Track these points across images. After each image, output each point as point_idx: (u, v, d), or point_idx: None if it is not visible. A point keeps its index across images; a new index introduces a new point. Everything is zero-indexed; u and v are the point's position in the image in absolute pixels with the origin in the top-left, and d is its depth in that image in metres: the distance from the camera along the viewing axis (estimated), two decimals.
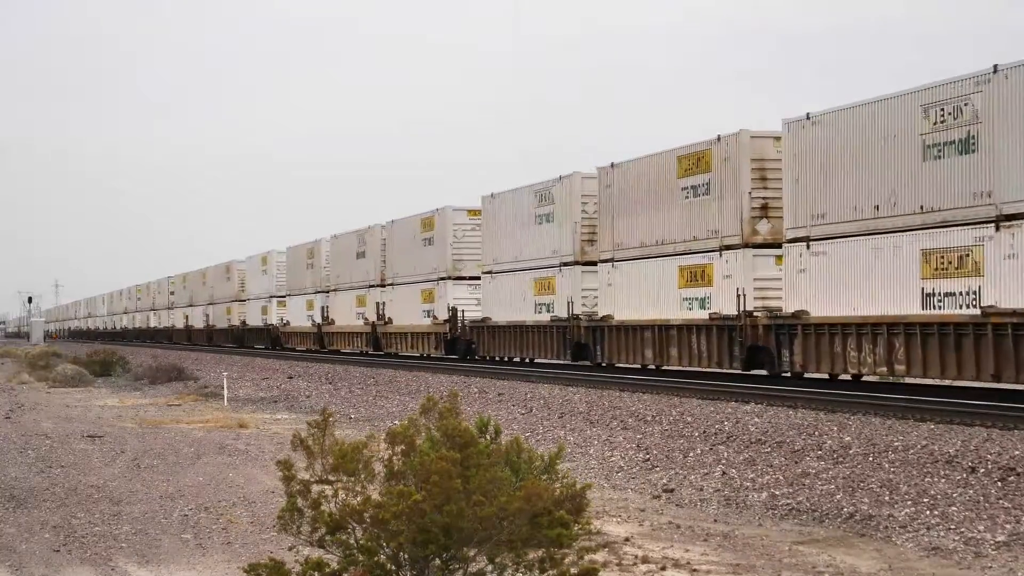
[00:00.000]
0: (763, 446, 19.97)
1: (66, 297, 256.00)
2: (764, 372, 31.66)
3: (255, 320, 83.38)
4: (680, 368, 35.70)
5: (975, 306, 24.30)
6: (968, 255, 24.67)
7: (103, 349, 67.54)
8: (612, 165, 38.69)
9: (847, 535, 13.67)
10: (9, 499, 16.77)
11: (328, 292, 67.17)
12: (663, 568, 11.89)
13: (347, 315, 63.82)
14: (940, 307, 25.26)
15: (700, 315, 34.00)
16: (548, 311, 42.56)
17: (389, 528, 8.88)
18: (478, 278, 49.42)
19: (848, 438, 19.84)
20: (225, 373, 41.32)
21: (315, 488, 9.31)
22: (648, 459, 19.73)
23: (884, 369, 26.87)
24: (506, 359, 46.63)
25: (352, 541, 9.15)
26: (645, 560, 12.17)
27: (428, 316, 52.79)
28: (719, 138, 33.25)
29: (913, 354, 25.88)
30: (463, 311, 49.75)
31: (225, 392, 36.55)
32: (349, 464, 9.24)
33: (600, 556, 11.75)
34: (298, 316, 73.17)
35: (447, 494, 8.81)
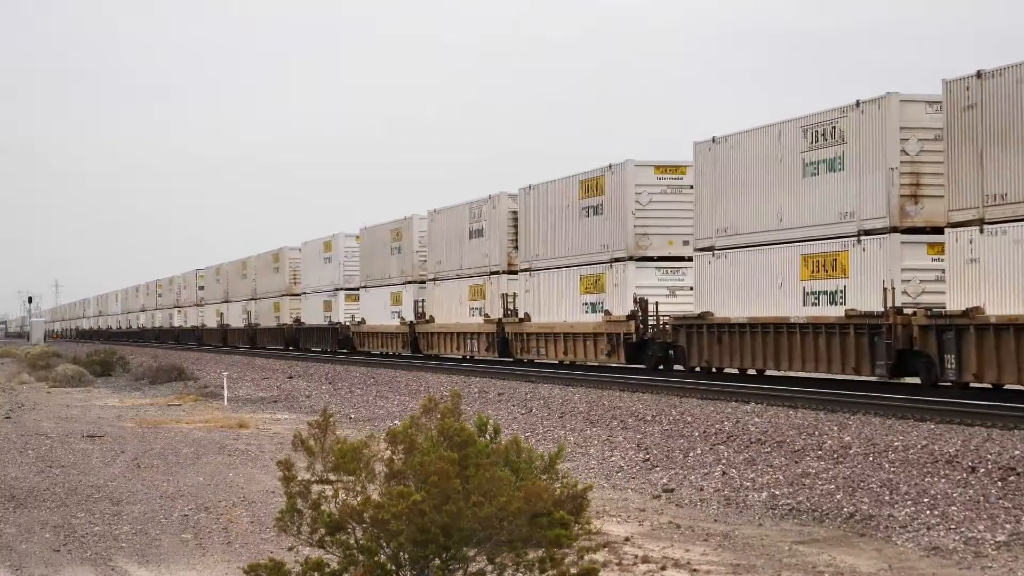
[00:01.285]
0: (763, 446, 19.97)
1: (67, 297, 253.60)
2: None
3: (315, 318, 69.48)
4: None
5: None
6: None
7: (104, 349, 67.49)
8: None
9: (847, 535, 13.66)
10: (9, 499, 16.77)
11: (424, 282, 54.57)
12: (663, 568, 11.89)
13: (453, 310, 50.91)
14: None
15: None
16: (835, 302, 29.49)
17: (389, 528, 8.88)
18: (679, 259, 37.76)
19: (848, 438, 19.83)
20: (225, 373, 41.32)
21: (315, 488, 9.31)
22: (648, 459, 19.73)
23: None
24: (741, 372, 33.77)
25: (352, 541, 9.15)
26: (645, 560, 12.17)
27: (594, 311, 39.24)
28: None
29: None
30: (656, 303, 36.99)
31: (225, 392, 36.55)
32: (349, 464, 9.24)
33: (600, 556, 11.75)
34: (378, 312, 59.40)
35: (447, 494, 8.81)
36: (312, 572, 9.10)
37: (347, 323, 63.60)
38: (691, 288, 35.21)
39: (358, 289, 62.68)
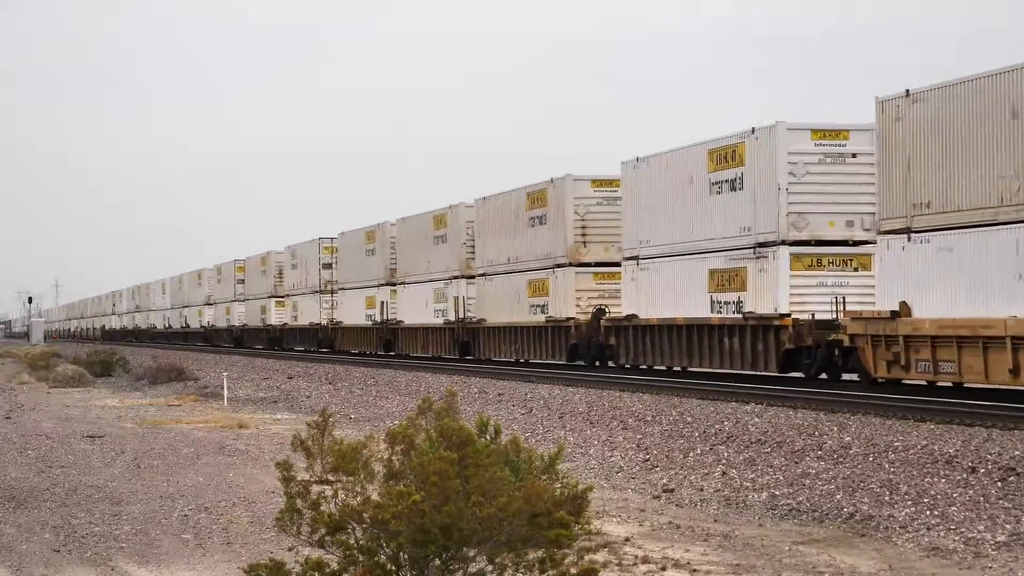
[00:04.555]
0: (763, 446, 19.97)
1: (67, 296, 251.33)
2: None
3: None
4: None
5: None
6: None
7: (104, 349, 67.46)
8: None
9: (847, 535, 13.67)
10: (9, 499, 16.77)
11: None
12: (663, 568, 11.89)
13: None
14: None
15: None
16: None
17: (389, 528, 8.88)
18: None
19: (848, 438, 19.84)
20: (225, 373, 41.32)
21: (315, 489, 9.32)
22: (648, 459, 19.73)
23: None
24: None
25: (352, 541, 9.16)
26: (645, 560, 12.17)
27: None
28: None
29: None
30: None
31: (225, 392, 36.55)
32: (349, 464, 9.25)
33: (600, 556, 11.75)
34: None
35: (446, 494, 8.81)
36: (312, 572, 9.10)
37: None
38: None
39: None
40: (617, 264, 38.75)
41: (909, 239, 26.31)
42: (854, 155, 30.92)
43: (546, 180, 42.07)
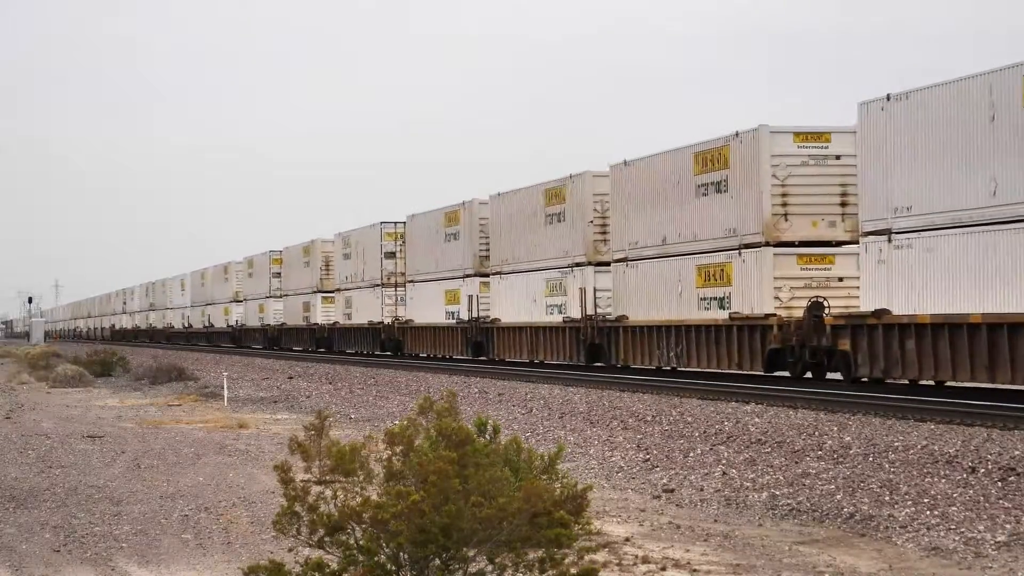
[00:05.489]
0: (763, 446, 19.97)
1: (67, 296, 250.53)
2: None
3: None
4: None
5: None
6: None
7: (104, 349, 67.41)
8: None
9: (847, 535, 13.66)
10: (9, 499, 16.77)
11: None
12: (663, 568, 11.89)
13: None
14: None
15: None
16: None
17: (388, 528, 8.88)
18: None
19: (848, 438, 19.84)
20: (225, 373, 41.32)
21: (314, 489, 9.31)
22: (648, 459, 19.72)
23: None
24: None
25: (352, 541, 9.16)
26: (645, 560, 12.17)
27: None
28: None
29: None
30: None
31: (225, 392, 36.54)
32: (347, 465, 9.25)
33: (600, 556, 11.75)
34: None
35: (446, 494, 8.81)
36: (312, 572, 9.11)
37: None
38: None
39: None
40: (829, 243, 31.47)
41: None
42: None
43: (728, 135, 32.77)
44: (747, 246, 31.94)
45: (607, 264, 38.53)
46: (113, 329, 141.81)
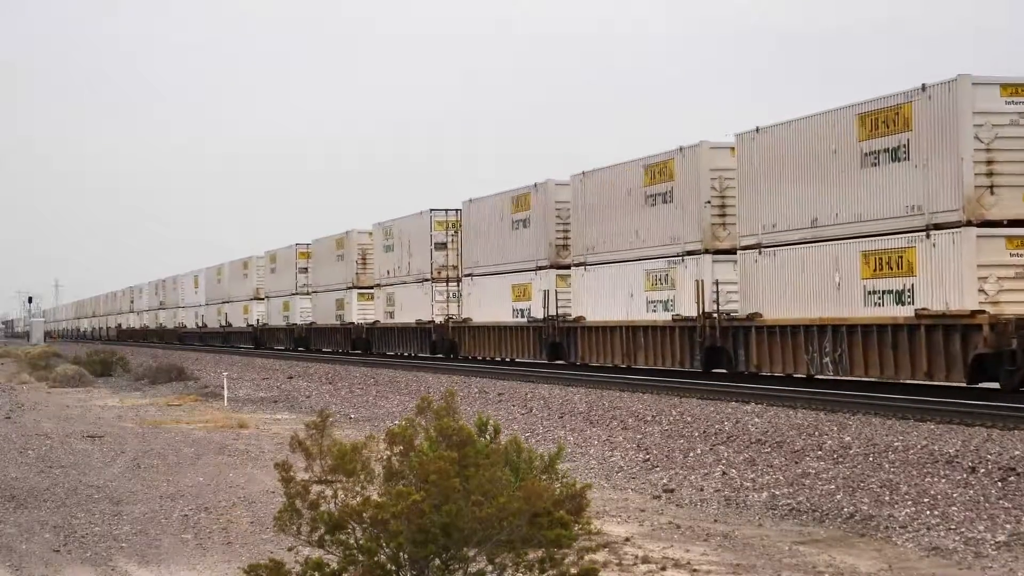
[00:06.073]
0: (763, 446, 19.97)
1: (67, 296, 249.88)
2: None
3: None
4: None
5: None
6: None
7: (104, 349, 67.40)
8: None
9: (847, 535, 13.67)
10: (9, 499, 16.77)
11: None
12: (663, 568, 11.89)
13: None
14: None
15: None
16: None
17: (389, 528, 8.88)
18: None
19: (848, 438, 19.84)
20: (225, 373, 41.32)
21: (315, 489, 9.31)
22: (648, 459, 19.73)
23: None
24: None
25: (352, 541, 9.16)
26: (645, 560, 12.17)
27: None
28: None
29: None
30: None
31: (225, 392, 36.54)
32: (348, 464, 9.25)
33: (600, 556, 11.75)
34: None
35: (446, 494, 8.81)
36: (312, 572, 9.10)
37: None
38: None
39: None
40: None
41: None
42: None
43: (910, 89, 26.59)
44: (938, 226, 25.55)
45: (730, 252, 33.06)
46: (120, 329, 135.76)
